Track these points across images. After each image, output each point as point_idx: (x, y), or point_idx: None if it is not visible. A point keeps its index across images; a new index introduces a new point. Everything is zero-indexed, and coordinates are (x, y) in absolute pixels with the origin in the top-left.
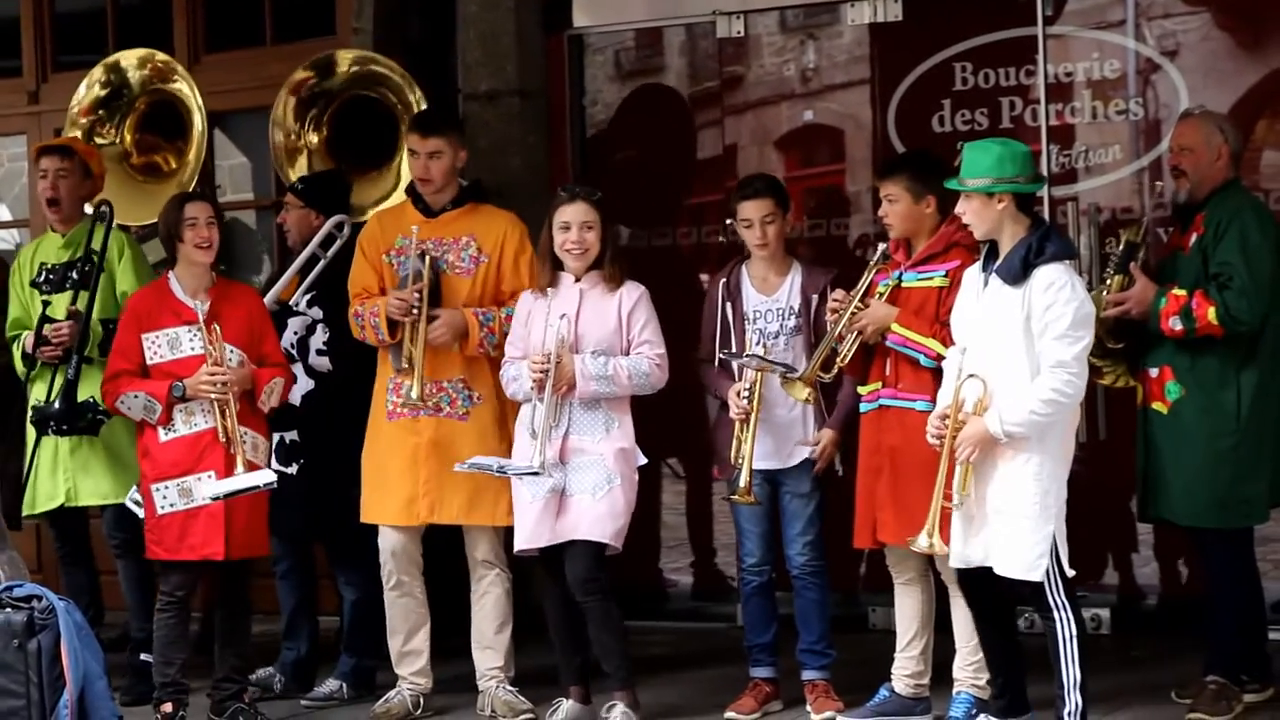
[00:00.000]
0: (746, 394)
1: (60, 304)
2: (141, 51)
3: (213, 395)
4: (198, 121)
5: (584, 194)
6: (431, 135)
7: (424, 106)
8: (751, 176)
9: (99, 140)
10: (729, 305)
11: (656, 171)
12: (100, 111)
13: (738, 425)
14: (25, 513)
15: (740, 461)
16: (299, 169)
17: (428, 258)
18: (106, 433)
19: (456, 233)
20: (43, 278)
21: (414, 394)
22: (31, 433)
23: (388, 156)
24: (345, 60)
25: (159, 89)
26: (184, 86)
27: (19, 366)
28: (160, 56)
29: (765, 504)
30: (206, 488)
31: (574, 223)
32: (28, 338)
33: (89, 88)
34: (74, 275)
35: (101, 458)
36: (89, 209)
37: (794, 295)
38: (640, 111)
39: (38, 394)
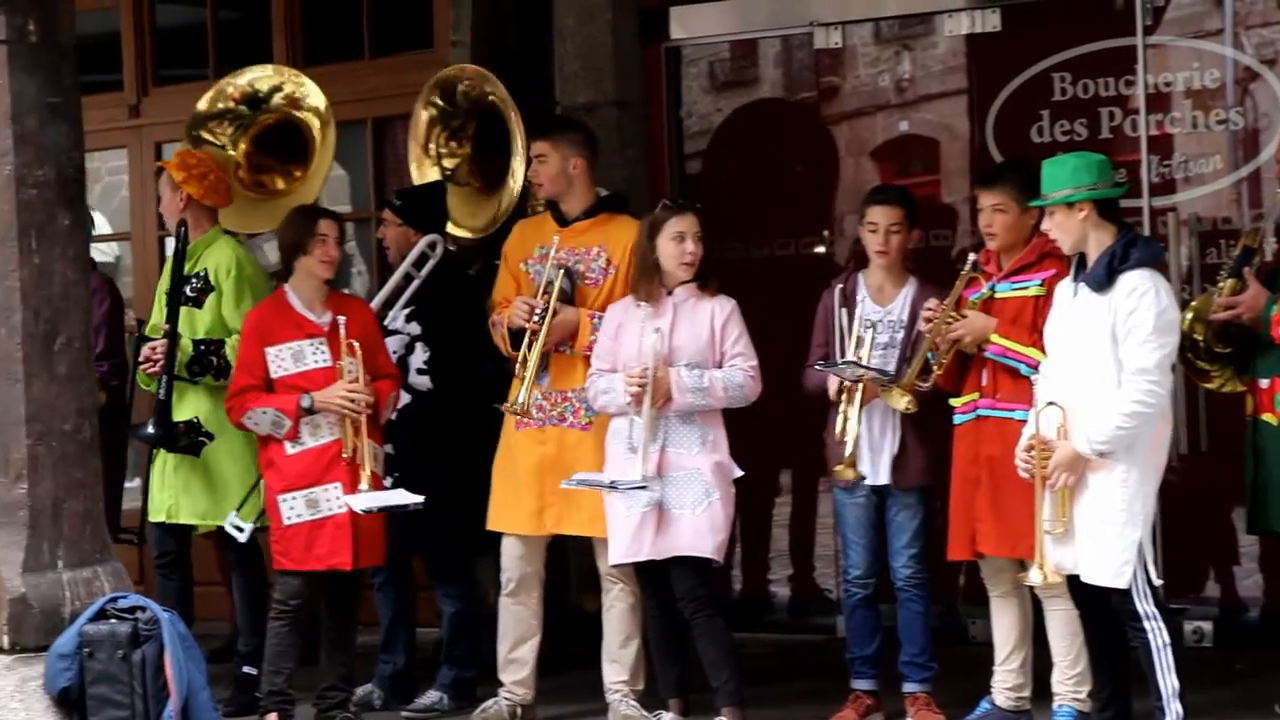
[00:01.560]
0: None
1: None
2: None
3: (347, 412)
4: (320, 148)
5: (690, 205)
6: (535, 139)
7: (518, 124)
8: (885, 185)
9: (208, 137)
10: (844, 312)
11: (753, 183)
12: (224, 120)
13: (844, 401)
14: (151, 519)
15: (846, 439)
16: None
17: (562, 269)
18: (208, 454)
19: (588, 243)
20: (170, 288)
21: (520, 398)
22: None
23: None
24: (460, 82)
25: (286, 111)
26: (312, 119)
27: (140, 379)
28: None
29: (871, 515)
30: (356, 500)
31: (688, 234)
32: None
33: (214, 100)
34: (186, 291)
35: (201, 478)
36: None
37: (905, 308)
38: (736, 123)
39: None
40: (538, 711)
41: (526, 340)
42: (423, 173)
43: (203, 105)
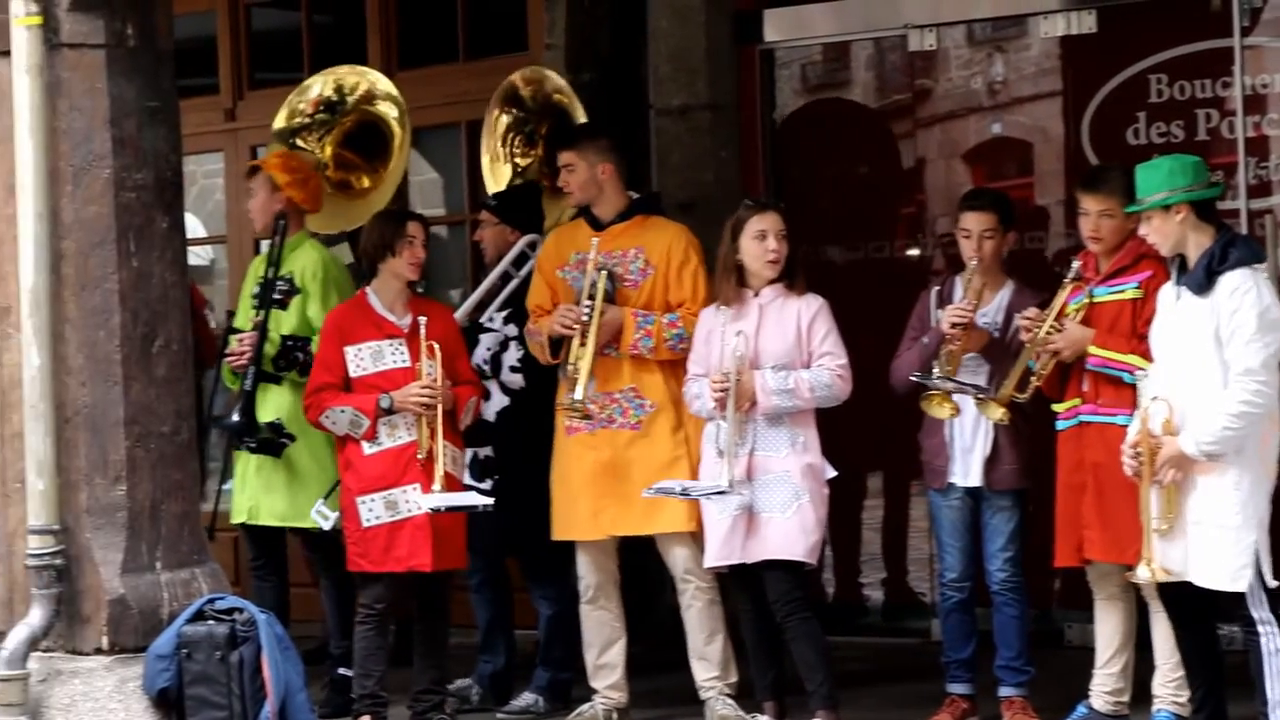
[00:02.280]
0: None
1: (249, 315)
2: (376, 77)
3: (423, 412)
4: (398, 144)
5: (772, 203)
6: (563, 149)
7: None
8: (980, 189)
9: (300, 144)
10: (940, 314)
11: (846, 186)
12: (305, 119)
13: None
14: (233, 521)
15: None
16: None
17: (603, 271)
18: (289, 455)
19: (625, 245)
20: (257, 290)
21: (576, 396)
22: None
23: None
24: (524, 82)
25: (366, 110)
26: (389, 109)
27: (225, 376)
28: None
29: (966, 518)
30: (426, 500)
31: (770, 231)
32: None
33: (307, 95)
34: (274, 293)
35: (283, 479)
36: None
37: (1001, 311)
38: (829, 125)
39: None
40: (633, 714)
41: (577, 341)
42: (496, 177)
43: (279, 123)
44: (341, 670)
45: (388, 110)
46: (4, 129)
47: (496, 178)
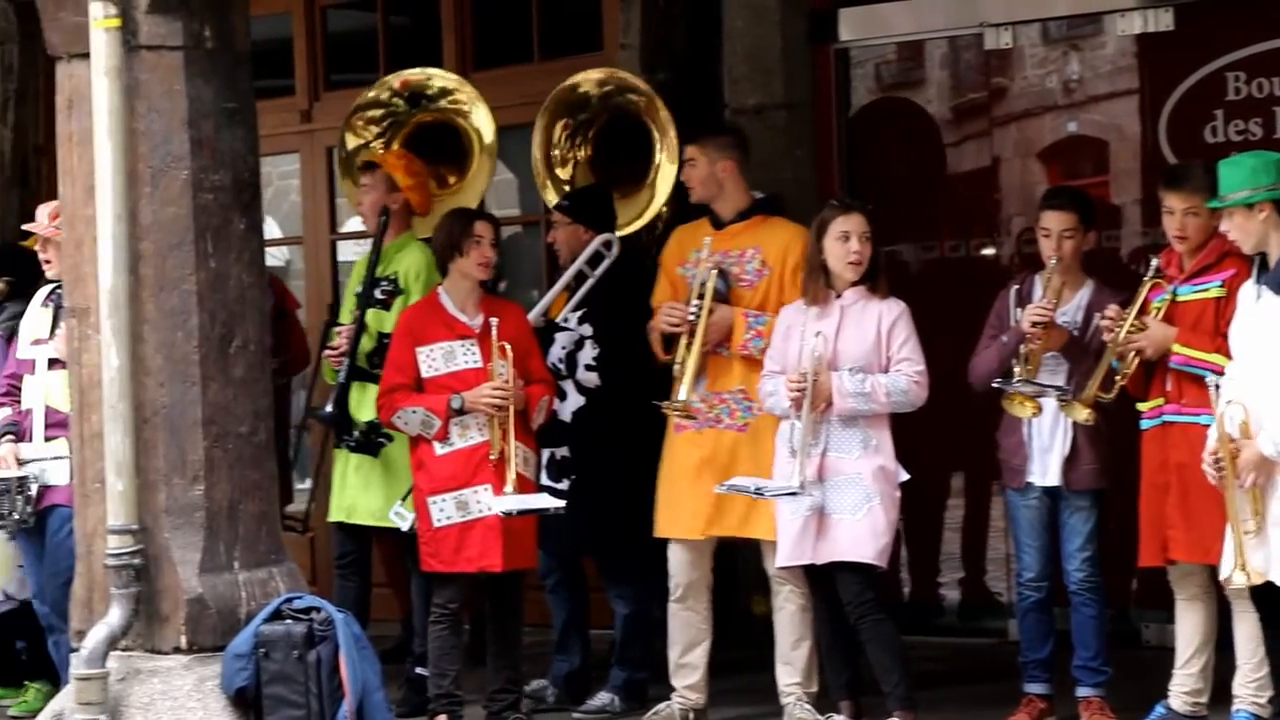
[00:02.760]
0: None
1: (351, 311)
2: (454, 80)
3: (494, 413)
4: (479, 156)
5: (858, 205)
6: (686, 144)
7: (670, 123)
8: (1060, 188)
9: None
10: (1019, 312)
11: (921, 185)
12: (372, 112)
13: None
14: (330, 519)
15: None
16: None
17: (714, 270)
18: (386, 456)
19: (742, 245)
20: (362, 288)
21: (680, 397)
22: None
23: (644, 174)
24: (591, 83)
25: (444, 113)
26: (473, 119)
27: (326, 374)
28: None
29: (1044, 517)
30: (498, 502)
31: (854, 233)
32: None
33: (381, 92)
34: (377, 293)
35: (380, 478)
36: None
37: (1080, 311)
38: (903, 124)
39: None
40: (710, 715)
41: (684, 341)
42: (543, 177)
43: (370, 93)
44: (419, 669)
45: (469, 128)
46: (83, 131)
47: (542, 182)
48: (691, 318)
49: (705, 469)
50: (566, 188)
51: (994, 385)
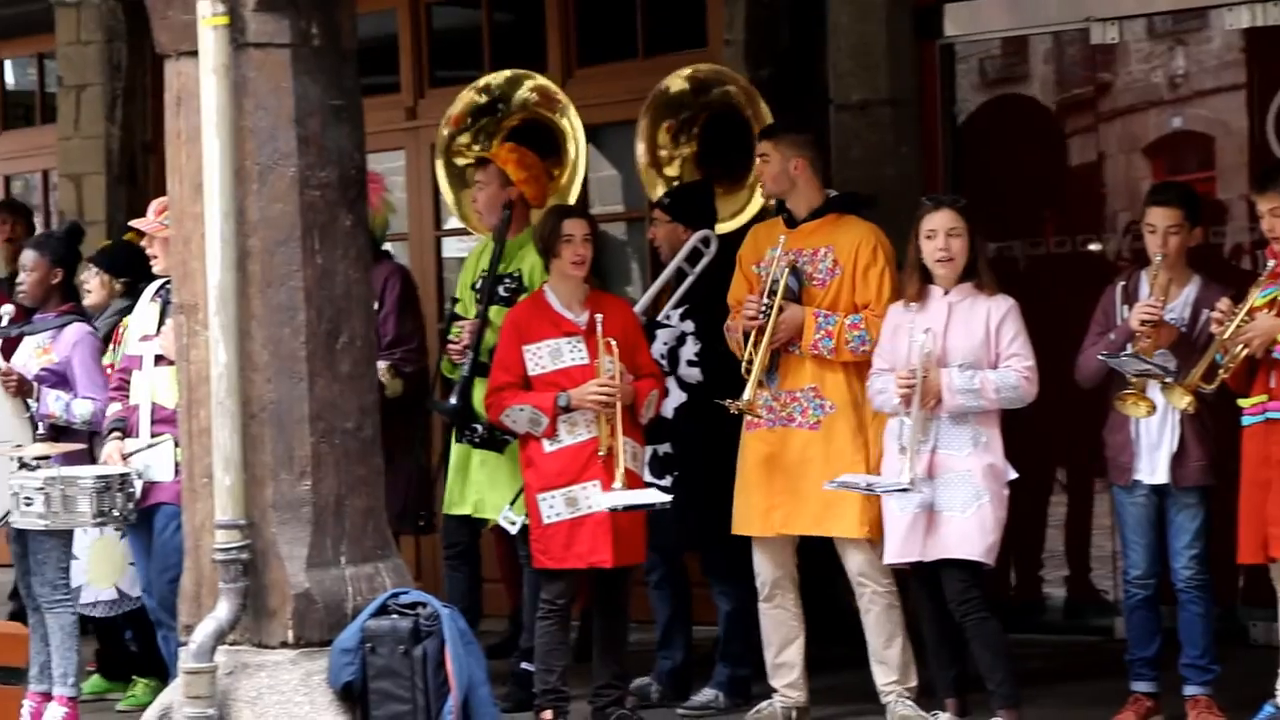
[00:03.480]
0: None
1: (473, 304)
2: (526, 76)
3: (602, 409)
4: (572, 151)
5: (948, 201)
6: (760, 139)
7: (768, 118)
8: (1166, 183)
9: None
10: (1126, 309)
11: (1027, 180)
12: (469, 120)
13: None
14: (447, 511)
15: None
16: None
17: (786, 268)
18: (511, 451)
19: (815, 243)
20: (479, 283)
21: (745, 396)
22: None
23: (747, 170)
24: (682, 80)
25: (536, 112)
26: (566, 123)
27: (444, 368)
28: (553, 89)
29: (1151, 515)
30: (606, 498)
31: (940, 230)
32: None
33: (474, 93)
34: (500, 290)
35: (506, 475)
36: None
37: (1187, 307)
38: (1009, 119)
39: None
40: (813, 712)
41: (753, 338)
42: (650, 174)
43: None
44: (525, 664)
45: (564, 122)
46: (191, 128)
47: (650, 181)
48: (762, 315)
49: (776, 467)
50: (666, 185)
51: (1100, 356)
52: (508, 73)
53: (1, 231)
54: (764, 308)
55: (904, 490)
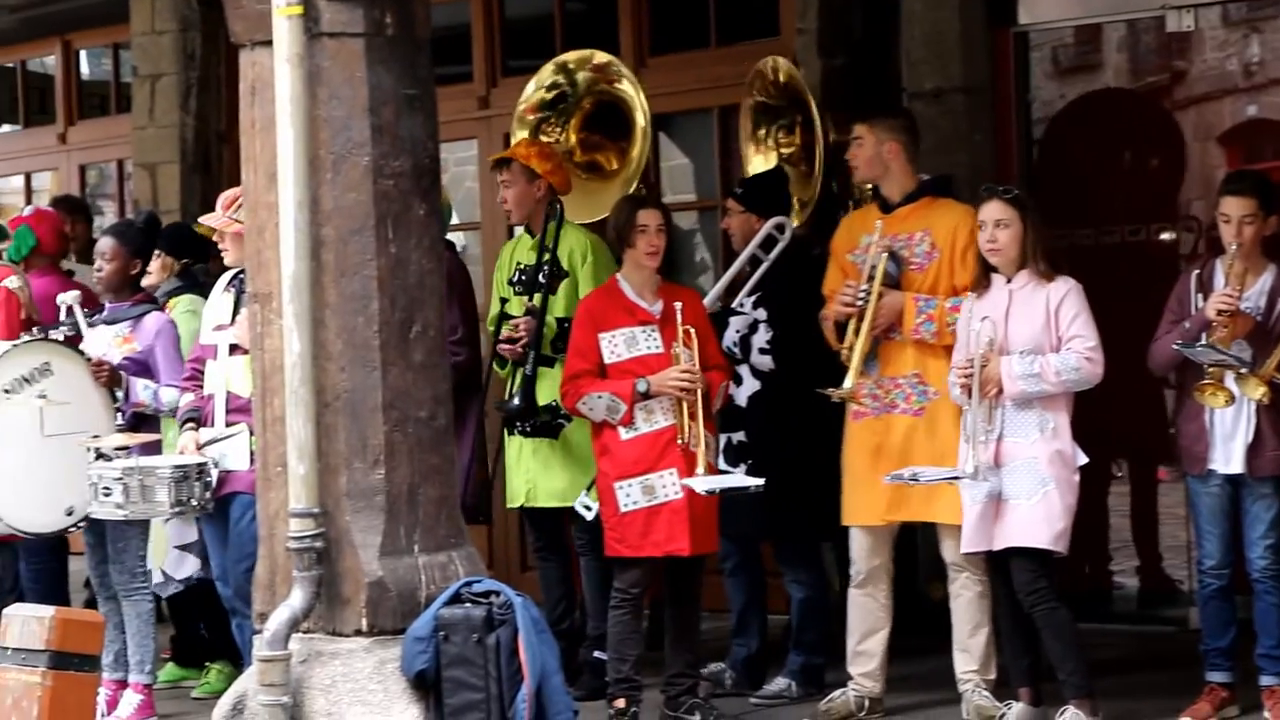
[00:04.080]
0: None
1: (520, 302)
2: (585, 52)
3: (682, 395)
4: (640, 120)
5: (998, 192)
6: (854, 122)
7: (817, 114)
8: (1241, 171)
9: (543, 139)
10: (1200, 297)
11: (1100, 169)
12: (546, 111)
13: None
14: (509, 505)
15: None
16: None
17: (884, 254)
18: (565, 437)
19: (911, 228)
20: (517, 277)
21: (846, 384)
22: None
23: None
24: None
25: (604, 90)
26: (627, 87)
27: (496, 364)
28: (601, 57)
29: (1225, 505)
30: (698, 483)
31: (988, 221)
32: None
33: (537, 87)
34: (540, 278)
35: (560, 460)
36: None
37: (1263, 296)
38: (1082, 108)
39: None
40: (886, 701)
41: (853, 325)
42: (766, 161)
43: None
44: (597, 653)
45: (624, 88)
46: (265, 118)
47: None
48: (860, 302)
49: (882, 455)
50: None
51: (1174, 346)
52: (562, 59)
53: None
54: (862, 294)
55: (954, 479)
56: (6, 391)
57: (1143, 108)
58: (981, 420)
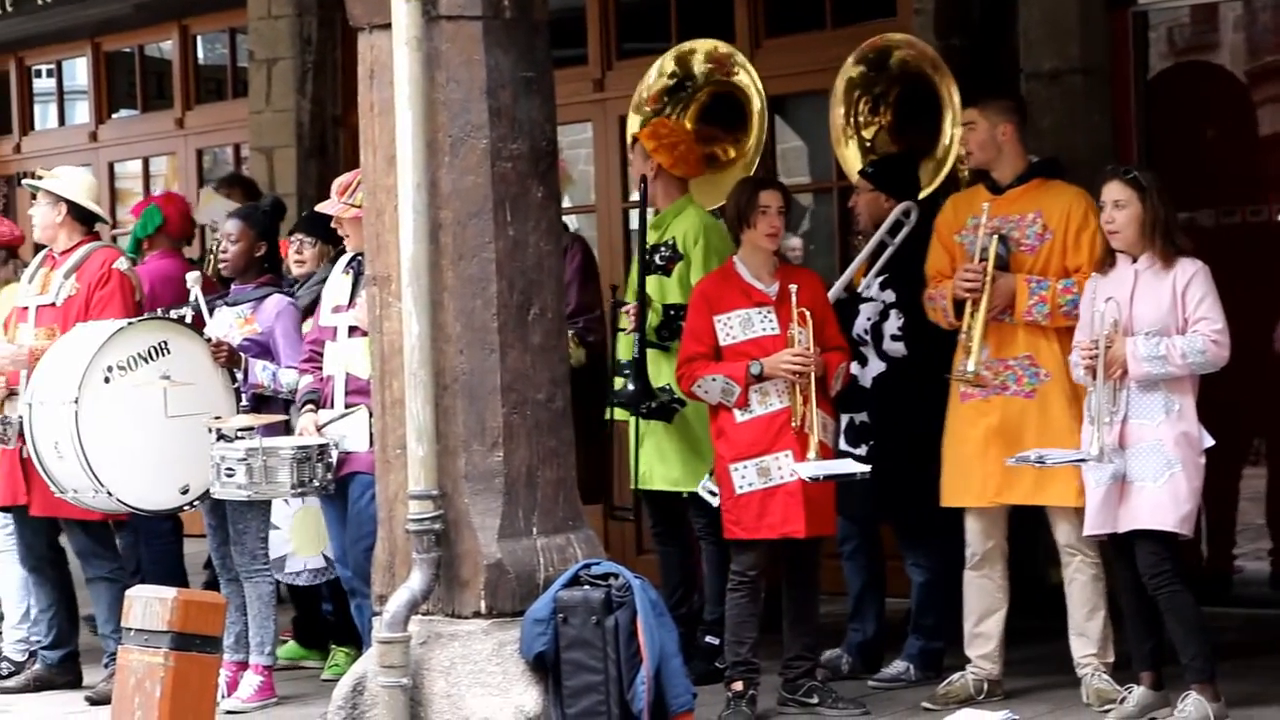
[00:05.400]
0: None
1: (633, 283)
2: (707, 43)
3: (796, 378)
4: (757, 108)
5: (1118, 173)
6: (966, 107)
7: (954, 91)
8: None
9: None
10: None
11: (1219, 149)
12: (665, 99)
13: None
14: (632, 488)
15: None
16: (855, 152)
17: (994, 236)
18: (680, 421)
19: (1022, 209)
20: (638, 255)
21: (969, 368)
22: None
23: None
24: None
25: (721, 80)
26: (744, 77)
27: (620, 346)
28: (723, 49)
29: None
30: (804, 468)
31: (1107, 202)
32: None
33: (658, 76)
34: (656, 259)
35: (676, 444)
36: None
37: None
38: (1200, 88)
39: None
40: (1006, 684)
41: (968, 309)
42: (844, 145)
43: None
44: (710, 638)
45: (742, 79)
46: (384, 101)
47: (846, 152)
48: (975, 285)
49: (993, 437)
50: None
51: None
52: (683, 49)
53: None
54: (976, 277)
55: (1080, 461)
56: (122, 368)
57: (1260, 88)
58: (1106, 402)
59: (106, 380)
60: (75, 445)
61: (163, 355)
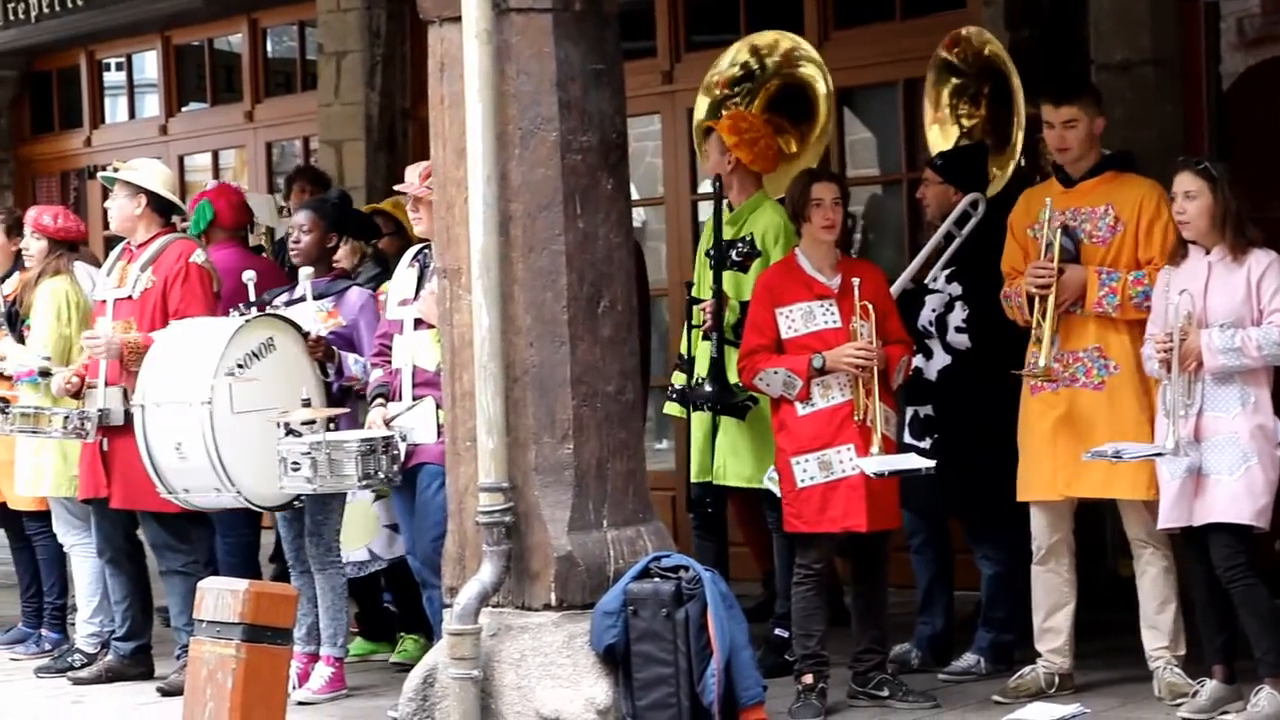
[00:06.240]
0: None
1: (708, 279)
2: (777, 35)
3: (858, 372)
4: (824, 102)
5: (1189, 164)
6: (1064, 104)
7: (1019, 88)
8: None
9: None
10: None
11: None
12: (734, 88)
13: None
14: (694, 480)
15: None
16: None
17: (1059, 229)
18: (753, 418)
19: (1094, 202)
20: (711, 251)
21: (1040, 363)
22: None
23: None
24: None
25: (788, 73)
26: (811, 69)
27: (692, 342)
28: (788, 42)
29: None
30: (867, 463)
31: (1178, 193)
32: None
33: (731, 64)
34: (733, 254)
35: (748, 440)
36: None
37: None
38: (1271, 79)
39: (699, 370)
40: (1076, 679)
41: (1038, 304)
42: (945, 136)
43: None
44: (779, 630)
45: (809, 71)
46: (454, 94)
47: (945, 139)
48: (1043, 280)
49: (1062, 429)
50: (965, 142)
51: None
52: (755, 41)
53: (299, 199)
54: (1047, 275)
55: (1157, 455)
56: (240, 366)
57: None
58: (1181, 395)
59: (231, 379)
60: (208, 446)
61: (270, 352)
